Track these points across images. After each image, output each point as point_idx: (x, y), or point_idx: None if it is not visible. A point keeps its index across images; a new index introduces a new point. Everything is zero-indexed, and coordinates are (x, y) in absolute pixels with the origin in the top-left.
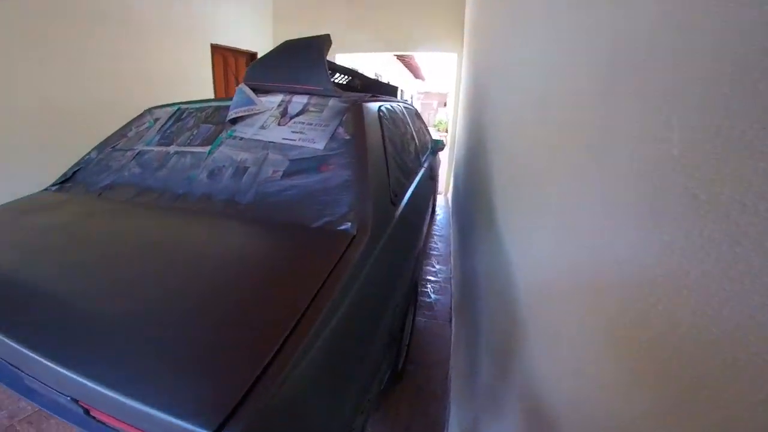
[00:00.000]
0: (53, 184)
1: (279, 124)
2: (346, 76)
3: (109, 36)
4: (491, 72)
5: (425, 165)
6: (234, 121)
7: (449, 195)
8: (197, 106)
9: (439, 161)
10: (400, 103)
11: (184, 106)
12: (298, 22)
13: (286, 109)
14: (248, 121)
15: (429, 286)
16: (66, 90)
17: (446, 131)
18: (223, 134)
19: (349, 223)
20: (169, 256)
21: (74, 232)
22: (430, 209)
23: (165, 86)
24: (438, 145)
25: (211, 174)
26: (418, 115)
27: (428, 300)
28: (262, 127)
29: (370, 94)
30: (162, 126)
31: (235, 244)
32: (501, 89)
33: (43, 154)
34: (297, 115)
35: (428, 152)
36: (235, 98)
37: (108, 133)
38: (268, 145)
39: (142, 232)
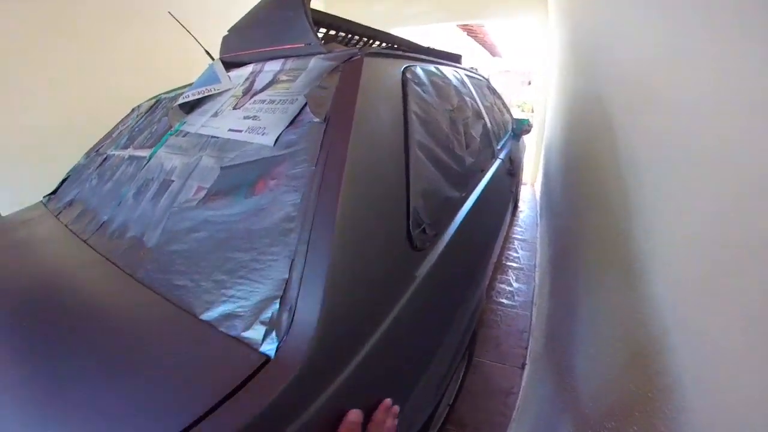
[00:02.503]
0: (47, 194)
1: (235, 107)
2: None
3: (138, 27)
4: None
5: (501, 156)
6: (187, 108)
7: (537, 186)
8: (174, 93)
9: (524, 146)
10: (459, 70)
11: (164, 95)
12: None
13: (252, 83)
14: (206, 106)
15: (499, 313)
16: (109, 82)
17: (532, 111)
18: (171, 128)
19: (263, 330)
20: None
21: None
22: (507, 219)
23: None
24: (522, 127)
25: (138, 192)
26: (491, 89)
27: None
28: (215, 115)
29: (391, 45)
30: (136, 122)
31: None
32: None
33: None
34: (263, 90)
35: (507, 137)
36: (199, 77)
37: None
38: (208, 143)
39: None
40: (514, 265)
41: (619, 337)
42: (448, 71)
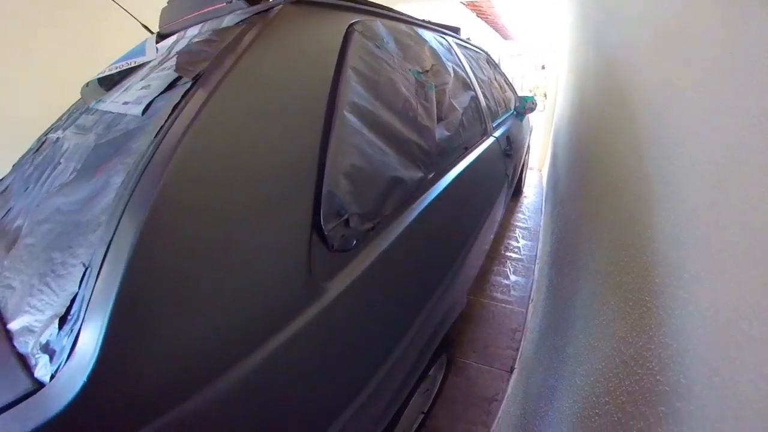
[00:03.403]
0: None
1: (141, 79)
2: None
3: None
4: None
5: (497, 134)
6: (107, 84)
7: (544, 171)
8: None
9: (530, 127)
10: (447, 36)
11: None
12: None
13: (170, 52)
14: (125, 81)
15: (491, 309)
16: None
17: (545, 96)
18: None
19: (41, 352)
20: None
21: None
22: (501, 206)
23: None
24: (526, 105)
25: (38, 178)
26: (492, 62)
27: (494, 305)
28: (126, 89)
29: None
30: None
31: None
32: None
33: None
34: (171, 57)
35: (507, 115)
36: (127, 52)
37: None
38: (103, 119)
39: None
40: (514, 255)
41: (618, 347)
42: (426, 33)
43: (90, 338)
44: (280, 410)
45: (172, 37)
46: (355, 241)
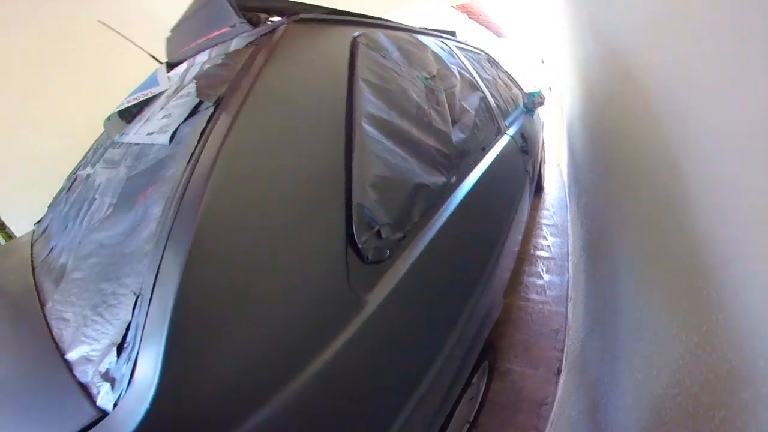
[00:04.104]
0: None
1: (161, 108)
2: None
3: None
4: None
5: (511, 132)
6: (127, 116)
7: (563, 166)
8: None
9: (542, 122)
10: (447, 41)
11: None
12: None
13: (183, 80)
14: (144, 112)
15: (528, 311)
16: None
17: (549, 90)
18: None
19: (101, 381)
20: None
21: None
22: (527, 204)
23: None
24: (534, 100)
25: (74, 214)
26: (493, 61)
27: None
28: (147, 120)
29: (342, 15)
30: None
31: None
32: None
33: None
34: (187, 84)
35: (517, 112)
36: (141, 84)
37: None
38: (130, 152)
39: None
40: (544, 254)
41: (679, 335)
42: (427, 39)
43: (148, 364)
44: (330, 426)
45: (182, 65)
46: (388, 252)
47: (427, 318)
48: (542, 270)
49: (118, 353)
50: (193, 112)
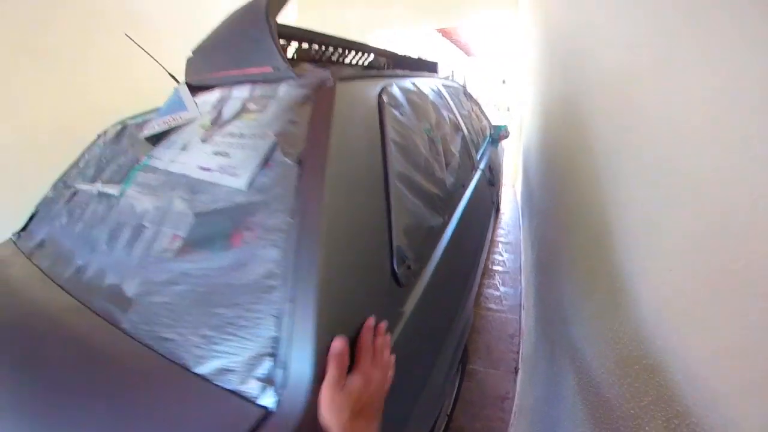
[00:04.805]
0: (17, 231)
1: (204, 140)
2: (363, 54)
3: (112, 38)
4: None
5: (481, 166)
6: (154, 139)
7: (517, 187)
8: (140, 119)
9: (503, 150)
10: (435, 80)
11: (130, 121)
12: (325, 3)
13: (220, 111)
14: (173, 137)
15: (489, 318)
16: (69, 99)
17: (508, 110)
18: (139, 163)
19: (260, 385)
20: None
21: None
22: (491, 229)
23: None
24: (500, 133)
25: (111, 236)
26: (468, 94)
27: (485, 337)
28: (184, 148)
29: (368, 68)
30: (101, 151)
31: None
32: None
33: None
34: (230, 120)
35: (486, 143)
36: (164, 104)
37: None
38: (179, 182)
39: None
40: (500, 269)
41: (607, 339)
42: (424, 85)
43: (301, 368)
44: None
45: (212, 92)
46: (412, 278)
47: (436, 323)
48: (499, 283)
49: (274, 361)
50: (264, 161)
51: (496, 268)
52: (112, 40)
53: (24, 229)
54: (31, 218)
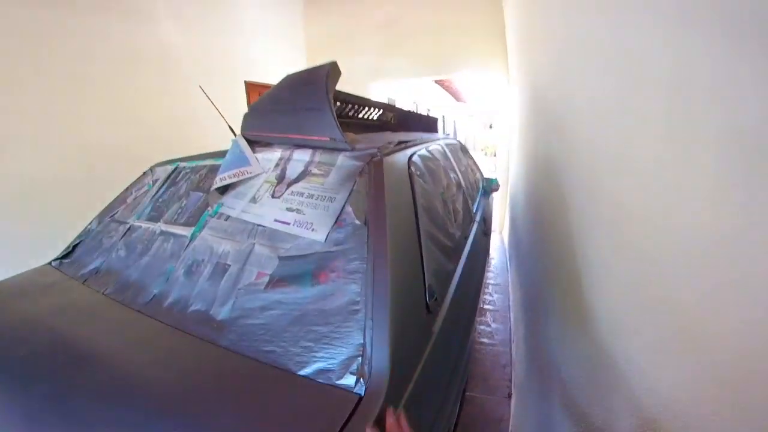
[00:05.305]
0: (57, 258)
1: (273, 196)
2: (374, 110)
3: (144, 76)
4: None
5: (477, 218)
6: (222, 190)
7: (504, 233)
8: (194, 163)
9: (492, 199)
10: (440, 141)
11: (182, 164)
12: (332, 52)
13: (284, 170)
14: (240, 189)
15: (483, 351)
16: (102, 132)
17: (494, 155)
18: (209, 209)
19: (354, 378)
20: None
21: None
22: (485, 273)
23: (200, 127)
24: (491, 186)
25: (189, 271)
26: (464, 150)
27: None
28: (253, 200)
29: (396, 142)
30: (157, 191)
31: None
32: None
33: (81, 199)
34: (296, 180)
35: (479, 196)
36: (227, 156)
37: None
38: (256, 230)
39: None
40: (491, 307)
41: (579, 359)
42: (436, 151)
43: (380, 365)
44: (427, 390)
45: (273, 151)
46: (437, 308)
47: (454, 344)
48: (490, 320)
49: (362, 360)
50: (336, 220)
51: (487, 306)
52: (146, 71)
53: (66, 256)
54: (74, 247)
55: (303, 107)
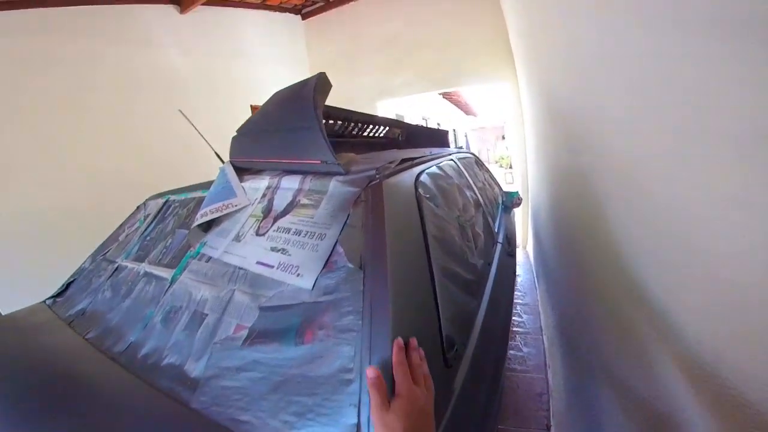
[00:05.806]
0: (51, 296)
1: (258, 233)
2: (379, 127)
3: (151, 101)
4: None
5: (500, 239)
6: (206, 226)
7: (529, 248)
8: (183, 196)
9: (514, 215)
10: (452, 156)
11: (172, 197)
12: (336, 73)
13: (270, 202)
14: (225, 224)
15: (514, 379)
16: (109, 158)
17: (510, 167)
18: (191, 250)
19: None
20: None
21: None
22: (513, 299)
23: (208, 151)
24: (513, 200)
25: (166, 318)
26: (480, 163)
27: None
28: (237, 239)
29: (399, 160)
30: (146, 228)
31: None
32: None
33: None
34: (283, 213)
35: (500, 212)
36: (212, 187)
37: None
38: (237, 274)
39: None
40: (520, 330)
41: (639, 405)
42: (448, 167)
43: None
44: None
45: (260, 179)
46: (458, 359)
47: (480, 401)
48: (521, 343)
49: None
50: (325, 263)
51: (516, 329)
52: (145, 96)
53: (59, 295)
54: (67, 286)
55: (290, 127)
